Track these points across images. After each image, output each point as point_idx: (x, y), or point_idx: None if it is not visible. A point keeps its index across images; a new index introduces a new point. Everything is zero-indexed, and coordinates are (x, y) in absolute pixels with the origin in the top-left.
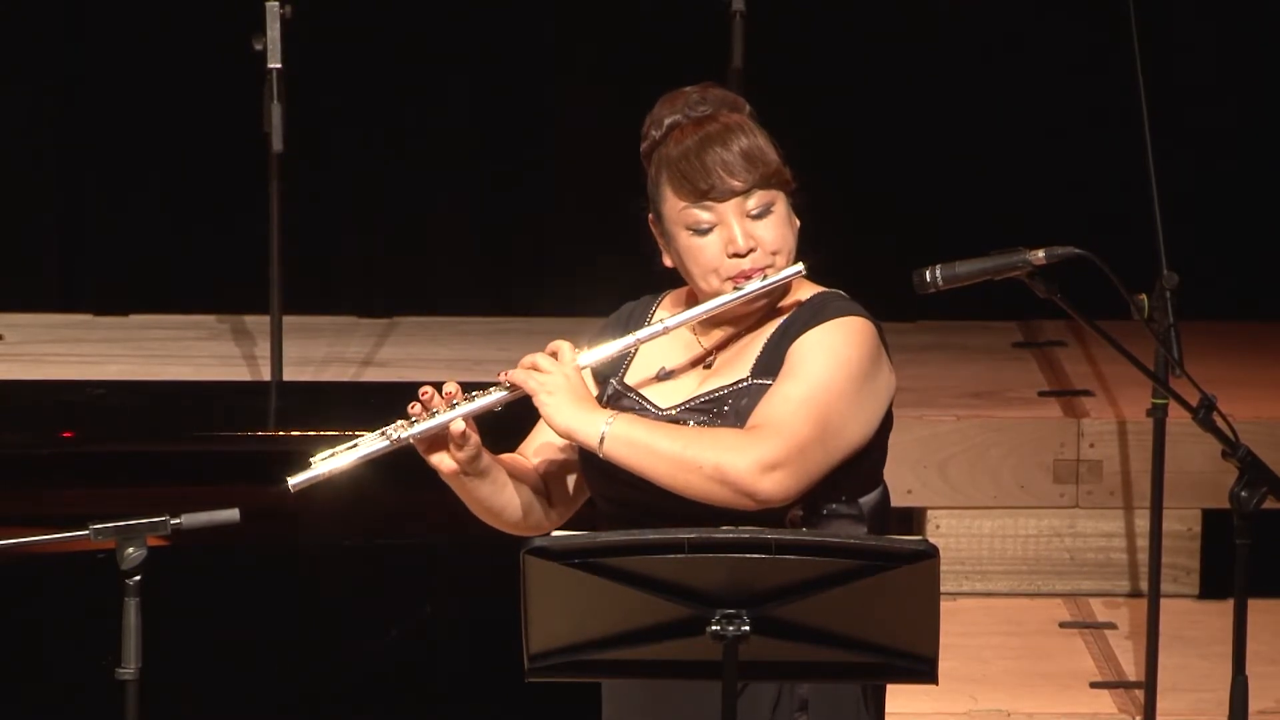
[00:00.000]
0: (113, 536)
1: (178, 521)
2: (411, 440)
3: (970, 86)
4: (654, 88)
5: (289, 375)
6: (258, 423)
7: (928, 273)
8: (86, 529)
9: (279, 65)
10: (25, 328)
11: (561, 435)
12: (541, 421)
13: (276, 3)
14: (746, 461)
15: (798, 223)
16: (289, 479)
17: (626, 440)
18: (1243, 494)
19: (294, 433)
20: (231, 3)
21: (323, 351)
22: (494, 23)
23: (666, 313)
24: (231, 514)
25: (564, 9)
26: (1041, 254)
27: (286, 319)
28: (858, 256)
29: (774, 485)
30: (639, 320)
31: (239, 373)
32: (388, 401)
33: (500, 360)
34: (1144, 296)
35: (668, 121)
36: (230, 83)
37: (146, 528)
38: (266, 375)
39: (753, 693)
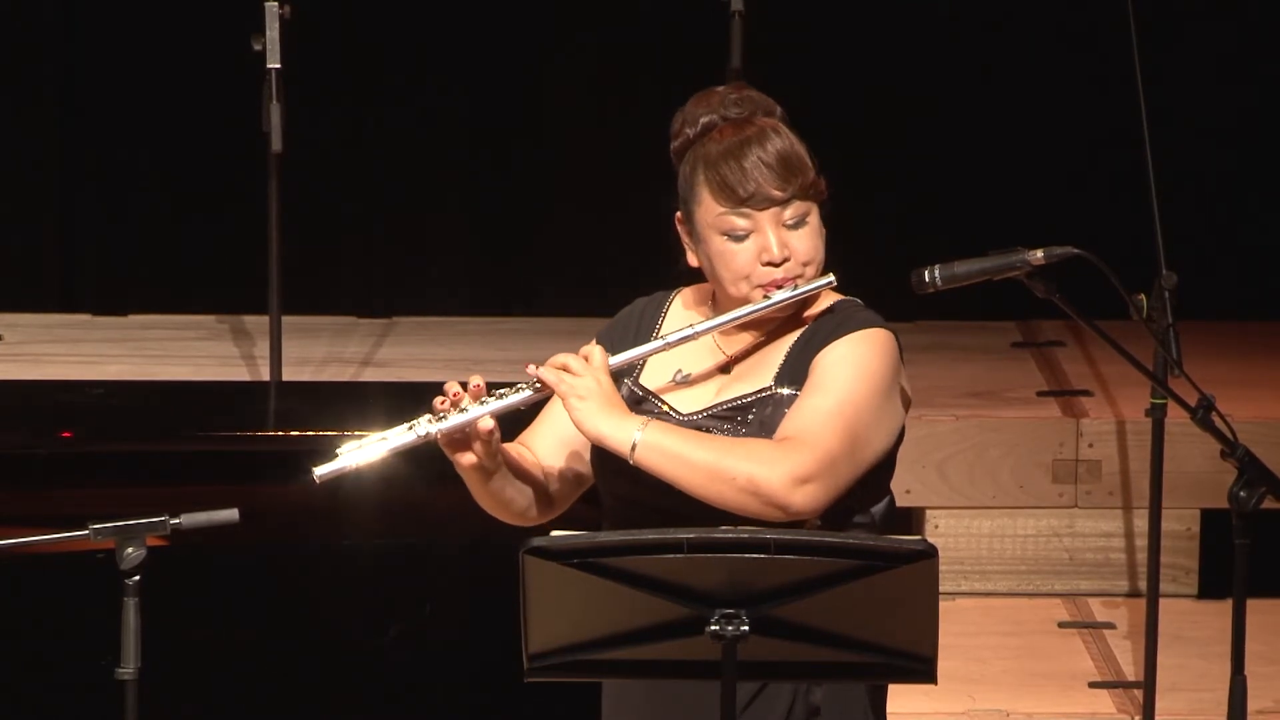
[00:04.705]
0: (112, 536)
1: (177, 521)
2: (438, 435)
3: (969, 86)
4: (653, 87)
5: (288, 375)
6: (257, 423)
7: (926, 273)
8: (86, 529)
9: (278, 65)
10: (24, 328)
11: (591, 440)
12: (545, 412)
13: (275, 3)
14: (779, 474)
15: (824, 231)
16: (314, 469)
17: (659, 449)
18: (1241, 494)
19: (293, 433)
20: (231, 3)
21: (322, 352)
22: (493, 22)
23: (684, 311)
24: (231, 514)
25: (563, 9)
26: (1040, 254)
27: (285, 319)
28: (856, 256)
29: (805, 498)
30: (652, 318)
31: (238, 373)
32: (387, 401)
33: (499, 360)
34: (1143, 296)
35: (703, 120)
36: (229, 83)
37: (146, 528)
38: (265, 375)
39: (764, 703)
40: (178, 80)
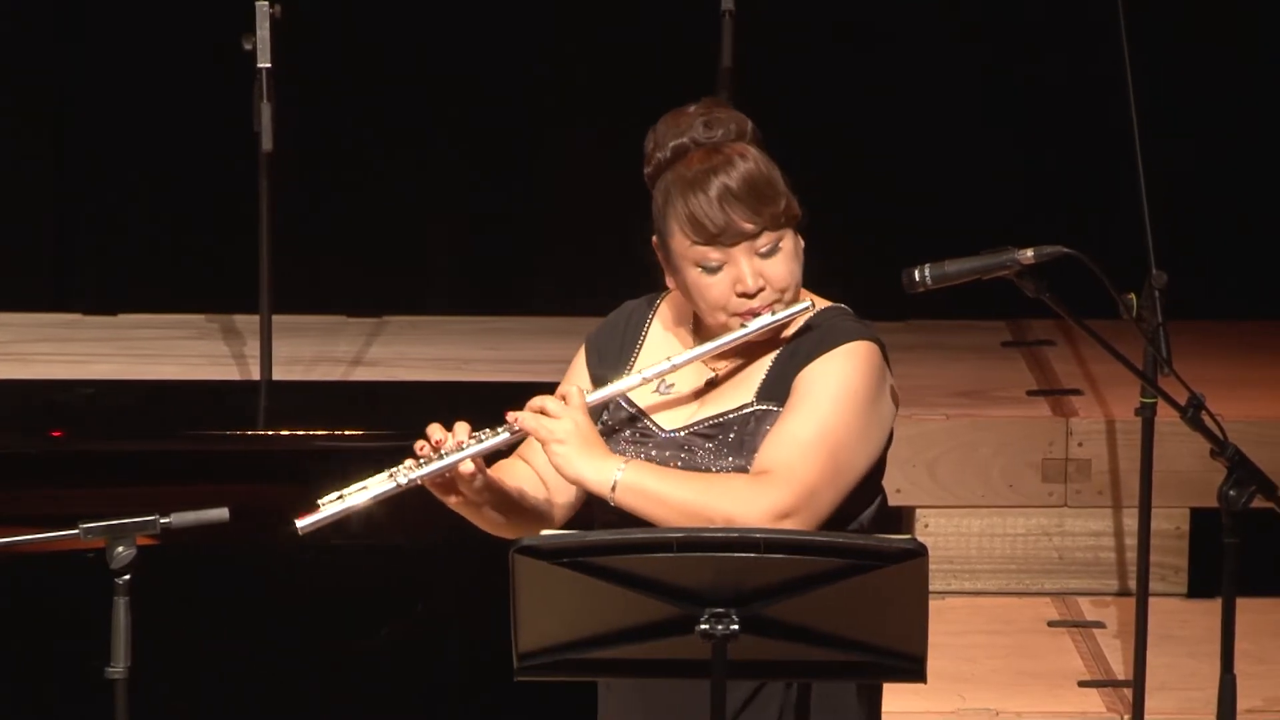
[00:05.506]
0: (102, 535)
1: (167, 521)
2: (419, 481)
3: (962, 85)
4: (645, 86)
5: (278, 375)
6: (247, 422)
7: (916, 272)
8: (76, 528)
9: (268, 65)
10: (14, 327)
11: (571, 482)
12: None
13: (266, 2)
14: (758, 512)
15: (802, 243)
16: (297, 521)
17: (638, 490)
18: (1231, 492)
19: (283, 432)
20: (222, 2)
21: (311, 351)
22: (493, 22)
23: (665, 332)
24: (220, 513)
25: (558, 8)
26: (1030, 253)
27: (275, 318)
28: (847, 255)
29: None
30: (638, 324)
31: (228, 372)
32: (378, 401)
33: (490, 359)
34: (1133, 296)
35: (673, 145)
36: (222, 82)
37: (136, 527)
38: (256, 374)
39: (757, 705)
40: (170, 79)
